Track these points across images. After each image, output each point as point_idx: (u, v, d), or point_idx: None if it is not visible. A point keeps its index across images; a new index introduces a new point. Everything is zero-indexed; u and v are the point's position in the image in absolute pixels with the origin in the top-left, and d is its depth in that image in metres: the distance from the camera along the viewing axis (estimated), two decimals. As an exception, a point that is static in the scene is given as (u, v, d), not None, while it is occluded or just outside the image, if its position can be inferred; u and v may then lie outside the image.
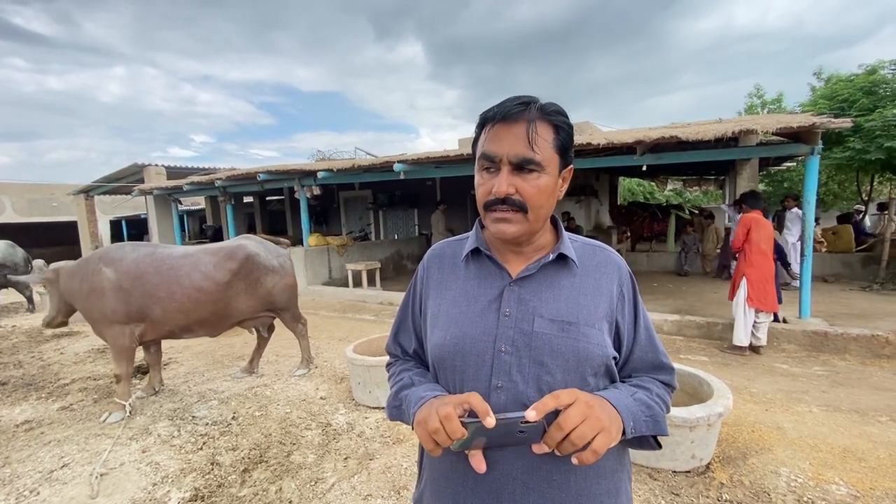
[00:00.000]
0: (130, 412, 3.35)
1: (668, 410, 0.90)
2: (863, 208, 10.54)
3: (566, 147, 0.85)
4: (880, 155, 6.64)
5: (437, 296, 0.97)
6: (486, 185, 0.84)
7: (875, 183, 10.30)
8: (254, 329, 3.98)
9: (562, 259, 0.90)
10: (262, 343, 4.19)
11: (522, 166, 0.81)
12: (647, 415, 0.83)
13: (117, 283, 3.21)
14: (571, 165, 0.90)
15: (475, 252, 0.95)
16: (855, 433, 2.88)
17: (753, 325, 4.47)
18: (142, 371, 4.34)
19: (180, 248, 3.58)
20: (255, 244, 3.83)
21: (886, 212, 7.52)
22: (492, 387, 0.85)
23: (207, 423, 3.20)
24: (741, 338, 4.46)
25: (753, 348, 4.52)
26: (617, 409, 0.78)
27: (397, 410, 0.96)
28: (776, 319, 4.88)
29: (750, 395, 3.50)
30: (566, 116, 0.85)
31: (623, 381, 0.92)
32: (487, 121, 0.84)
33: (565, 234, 0.94)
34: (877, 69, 7.83)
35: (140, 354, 4.75)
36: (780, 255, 5.10)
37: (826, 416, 3.13)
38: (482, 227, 0.98)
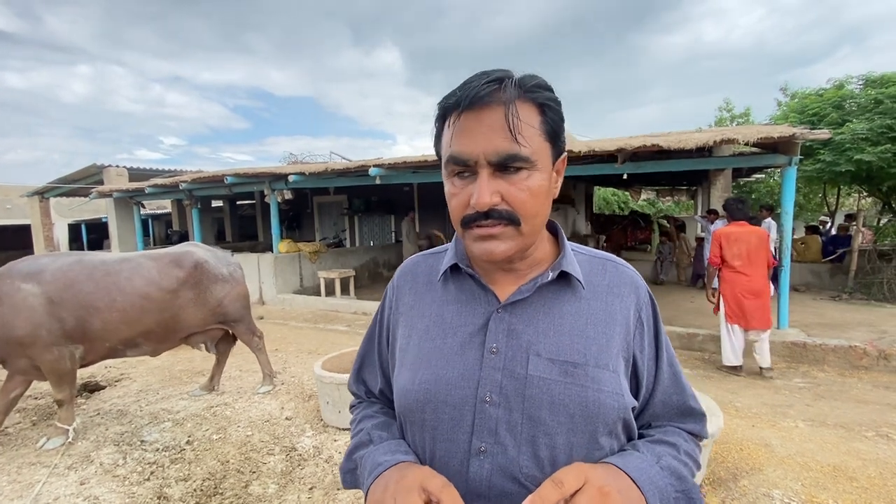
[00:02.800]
0: (72, 440, 3.00)
1: (699, 468, 0.71)
2: (829, 220, 10.88)
3: (557, 131, 0.64)
4: (850, 167, 6.81)
5: (408, 324, 0.76)
6: (461, 196, 0.63)
7: (840, 195, 10.65)
8: (202, 346, 3.64)
9: (564, 278, 0.70)
10: (222, 358, 3.88)
11: (506, 165, 0.60)
12: (679, 489, 0.63)
13: (45, 297, 2.81)
14: (565, 154, 0.69)
15: (455, 269, 0.75)
16: (843, 450, 2.80)
17: (749, 344, 4.21)
18: (88, 389, 3.96)
19: (115, 254, 3.26)
20: (204, 251, 3.53)
21: (854, 223, 7.74)
22: (473, 450, 0.64)
23: (158, 449, 2.88)
24: (728, 356, 4.23)
25: (737, 368, 4.22)
26: (640, 487, 0.58)
27: (351, 476, 0.76)
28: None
29: (735, 409, 3.41)
30: (552, 91, 0.64)
31: (642, 437, 0.73)
32: (449, 110, 0.62)
33: (568, 244, 0.73)
34: (844, 84, 8.08)
35: (89, 370, 4.38)
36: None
37: (812, 431, 3.05)
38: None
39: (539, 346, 0.66)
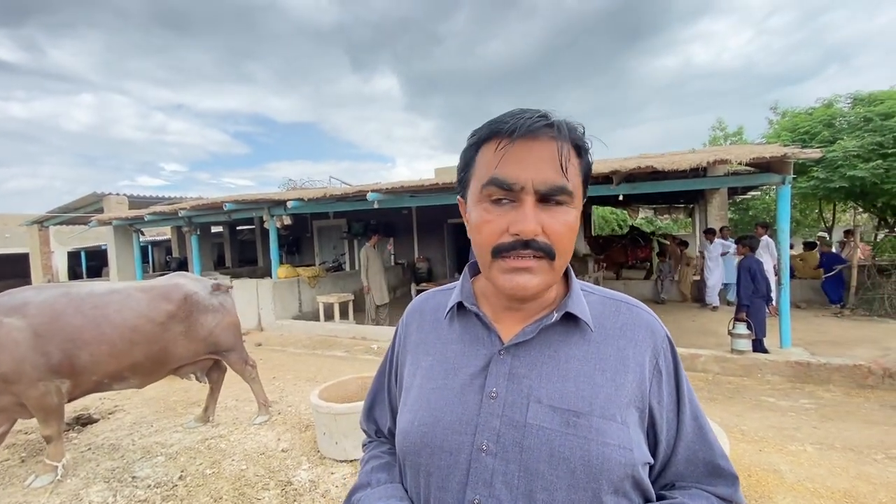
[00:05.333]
0: (61, 478, 2.91)
1: None
2: (826, 235, 10.90)
3: (588, 176, 0.66)
4: (843, 183, 6.87)
5: (413, 362, 0.75)
6: (497, 222, 0.61)
7: (836, 210, 10.70)
8: (192, 376, 3.56)
9: (572, 319, 0.66)
10: (215, 387, 3.81)
11: (549, 197, 0.60)
12: None
13: (30, 331, 2.73)
14: (586, 199, 0.69)
15: (461, 307, 0.72)
16: (853, 474, 2.73)
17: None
18: (81, 422, 3.88)
19: (104, 285, 3.19)
20: (192, 282, 3.48)
21: (852, 238, 7.74)
22: (466, 502, 0.62)
23: (149, 486, 2.80)
24: None
25: None
26: None
27: None
28: (758, 349, 4.81)
29: (741, 433, 3.33)
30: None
31: (663, 498, 0.67)
32: (495, 136, 0.62)
33: (577, 284, 0.70)
34: (833, 103, 8.21)
35: (82, 403, 4.30)
36: (767, 290, 4.94)
37: (821, 455, 2.98)
38: (472, 274, 0.76)
39: (541, 392, 0.63)
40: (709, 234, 8.33)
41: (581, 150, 0.64)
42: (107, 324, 2.92)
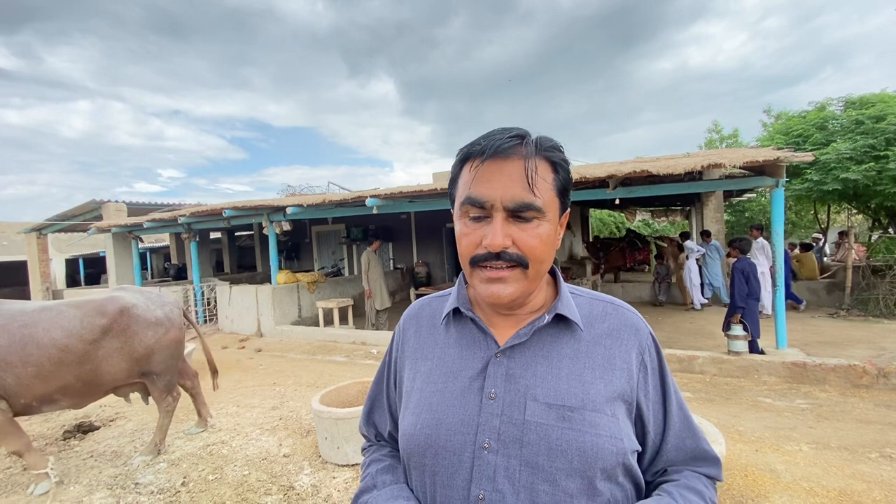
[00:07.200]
0: (58, 480, 2.93)
1: None
2: (821, 236, 10.98)
3: (566, 188, 0.70)
4: (837, 186, 6.94)
5: (413, 367, 0.78)
6: (472, 236, 0.66)
7: (831, 212, 10.79)
8: (130, 397, 3.39)
9: (563, 321, 0.71)
10: (195, 394, 3.78)
11: (520, 212, 0.64)
12: None
13: None
14: (568, 210, 0.73)
15: (457, 312, 0.77)
16: (848, 473, 2.77)
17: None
18: (82, 430, 3.90)
19: (36, 303, 3.02)
20: (133, 294, 3.30)
21: (846, 239, 7.80)
22: (471, 498, 0.65)
23: (152, 492, 2.83)
24: None
25: None
26: None
27: None
28: (753, 350, 4.86)
29: (738, 433, 3.37)
30: (563, 153, 0.69)
31: (664, 484, 0.72)
32: (471, 157, 0.67)
33: (565, 287, 0.75)
34: (825, 106, 8.30)
35: (84, 410, 4.32)
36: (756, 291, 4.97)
37: (816, 454, 3.02)
38: (466, 282, 0.80)
39: (536, 390, 0.67)
40: (683, 237, 8.45)
41: (556, 165, 0.67)
42: (34, 345, 2.74)
